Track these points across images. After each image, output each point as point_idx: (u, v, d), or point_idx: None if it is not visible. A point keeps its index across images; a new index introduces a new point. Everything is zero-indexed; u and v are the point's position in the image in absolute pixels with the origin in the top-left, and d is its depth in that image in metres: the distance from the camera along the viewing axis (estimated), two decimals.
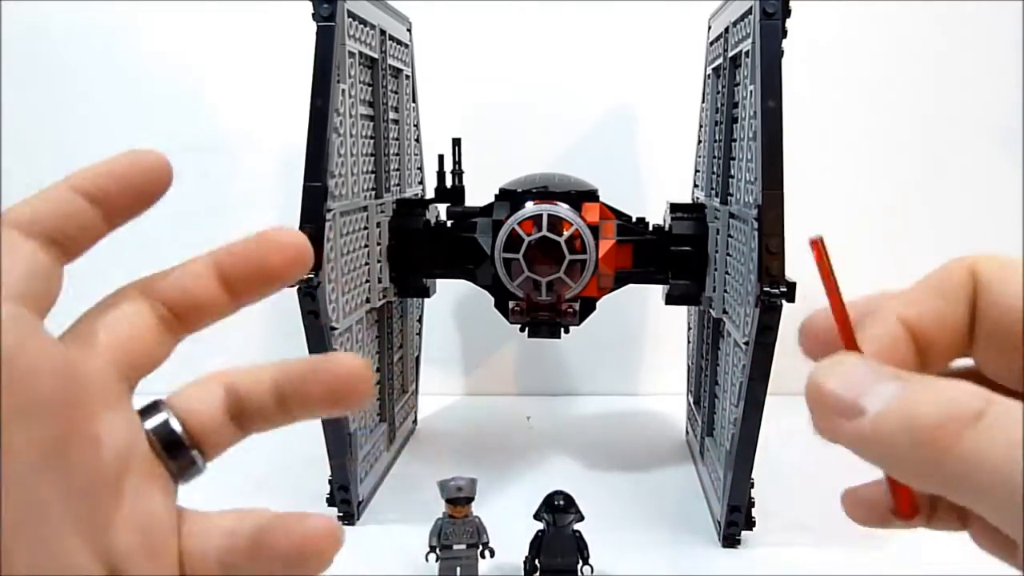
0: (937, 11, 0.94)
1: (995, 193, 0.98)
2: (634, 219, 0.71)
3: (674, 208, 0.72)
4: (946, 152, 0.98)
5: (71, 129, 0.98)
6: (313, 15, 0.58)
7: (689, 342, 0.86)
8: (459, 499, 0.54)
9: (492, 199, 0.69)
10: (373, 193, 0.71)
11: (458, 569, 0.55)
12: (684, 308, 0.86)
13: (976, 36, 0.95)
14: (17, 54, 0.96)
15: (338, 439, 0.63)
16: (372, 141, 0.72)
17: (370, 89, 0.71)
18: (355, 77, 0.65)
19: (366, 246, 0.68)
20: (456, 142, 0.72)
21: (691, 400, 0.84)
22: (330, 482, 0.65)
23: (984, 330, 0.20)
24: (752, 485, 0.61)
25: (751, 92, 0.57)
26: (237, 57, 0.95)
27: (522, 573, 0.54)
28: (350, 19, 0.62)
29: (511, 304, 0.69)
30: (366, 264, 0.68)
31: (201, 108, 0.96)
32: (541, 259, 0.65)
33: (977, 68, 0.95)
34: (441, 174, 0.72)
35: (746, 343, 0.57)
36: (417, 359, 0.90)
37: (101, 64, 0.96)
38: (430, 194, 0.76)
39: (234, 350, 1.00)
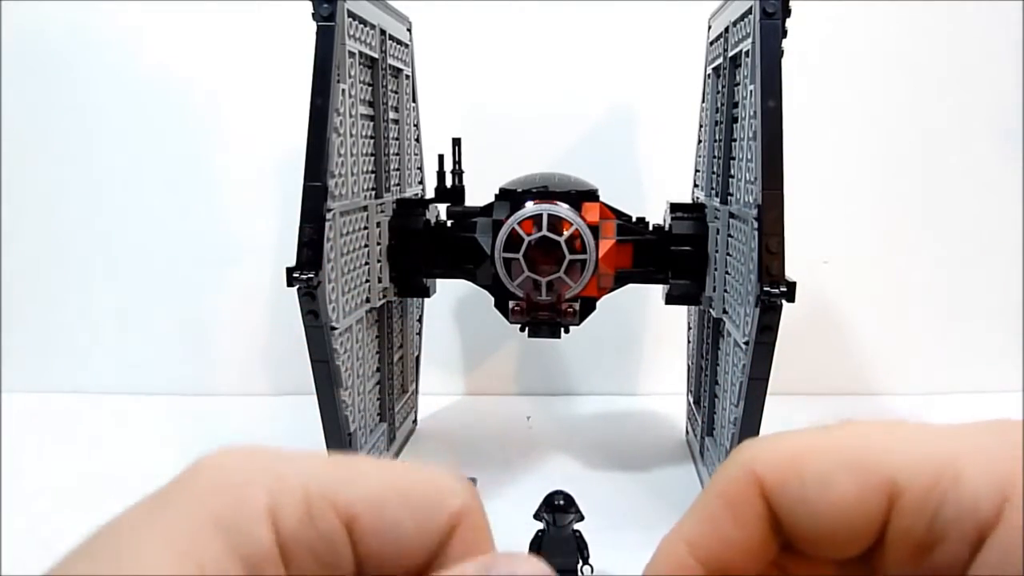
0: (937, 11, 0.94)
1: (995, 193, 0.98)
2: (634, 219, 0.71)
3: (674, 208, 0.72)
4: (946, 152, 0.98)
5: (70, 129, 0.98)
6: (313, 15, 0.58)
7: (689, 342, 0.86)
8: None
9: (492, 199, 0.69)
10: (373, 193, 0.71)
11: None
12: (684, 308, 0.86)
13: (976, 36, 0.95)
14: (17, 54, 0.96)
15: (338, 439, 0.63)
16: (372, 141, 0.72)
17: (370, 89, 0.71)
18: (355, 77, 0.65)
19: (366, 246, 0.68)
20: (456, 142, 0.72)
21: (691, 400, 0.84)
22: None
23: (800, 542, 0.16)
24: None
25: (751, 92, 0.57)
26: (237, 57, 0.95)
27: None
28: (350, 19, 0.62)
29: (511, 304, 0.69)
30: (366, 264, 0.68)
31: (200, 108, 0.96)
32: (541, 259, 0.65)
33: (977, 68, 0.95)
34: (441, 174, 0.72)
35: (746, 343, 0.57)
36: (417, 359, 0.90)
37: (100, 63, 0.96)
38: (430, 194, 0.76)
39: (234, 349, 1.01)
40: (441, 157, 0.72)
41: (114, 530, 0.16)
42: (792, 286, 0.54)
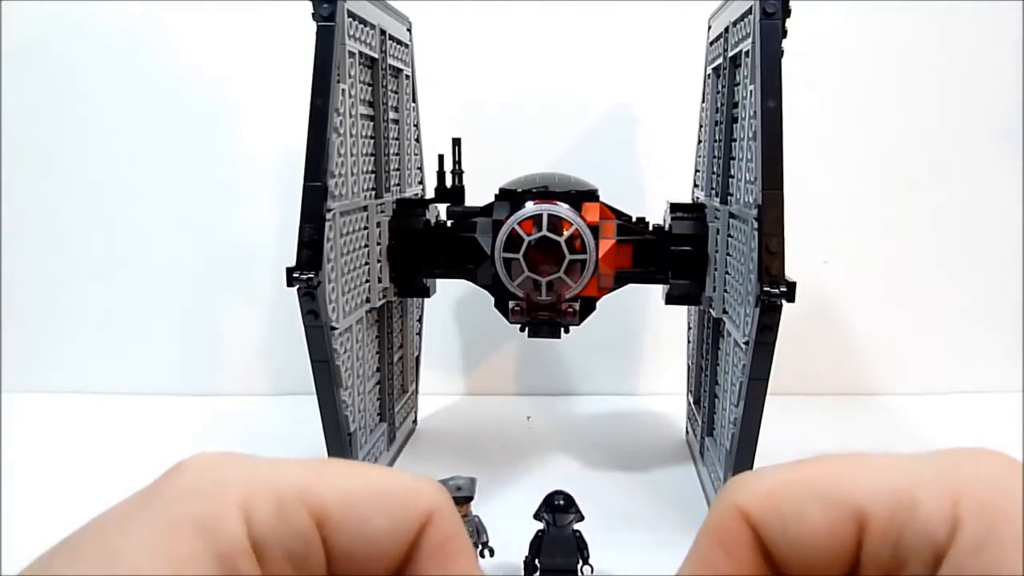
0: (937, 11, 0.94)
1: (995, 193, 0.98)
2: (634, 219, 0.71)
3: (674, 208, 0.72)
4: (946, 151, 0.98)
5: (70, 129, 0.98)
6: (313, 15, 0.58)
7: (689, 342, 0.86)
8: (458, 498, 0.54)
9: (492, 199, 0.69)
10: (373, 193, 0.71)
11: None
12: (684, 308, 0.86)
13: (976, 36, 0.95)
14: (17, 54, 0.96)
15: (338, 439, 0.63)
16: (372, 141, 0.71)
17: (370, 89, 0.71)
18: (355, 77, 0.65)
19: (366, 246, 0.68)
20: (456, 142, 0.72)
21: (691, 400, 0.84)
22: None
23: (787, 568, 0.18)
24: None
25: (751, 92, 0.57)
26: (237, 57, 0.95)
27: (522, 573, 0.54)
28: (350, 19, 0.62)
29: (511, 304, 0.69)
30: (366, 264, 0.68)
31: (200, 107, 0.96)
32: (541, 259, 0.65)
33: (977, 68, 0.95)
34: (441, 174, 0.72)
35: (746, 343, 0.57)
36: (417, 359, 0.90)
37: (99, 64, 0.96)
38: (430, 194, 0.76)
39: (234, 349, 1.01)
40: (441, 157, 0.72)
41: (97, 528, 0.17)
42: (792, 286, 0.54)
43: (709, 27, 0.77)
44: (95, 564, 0.16)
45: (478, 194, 0.72)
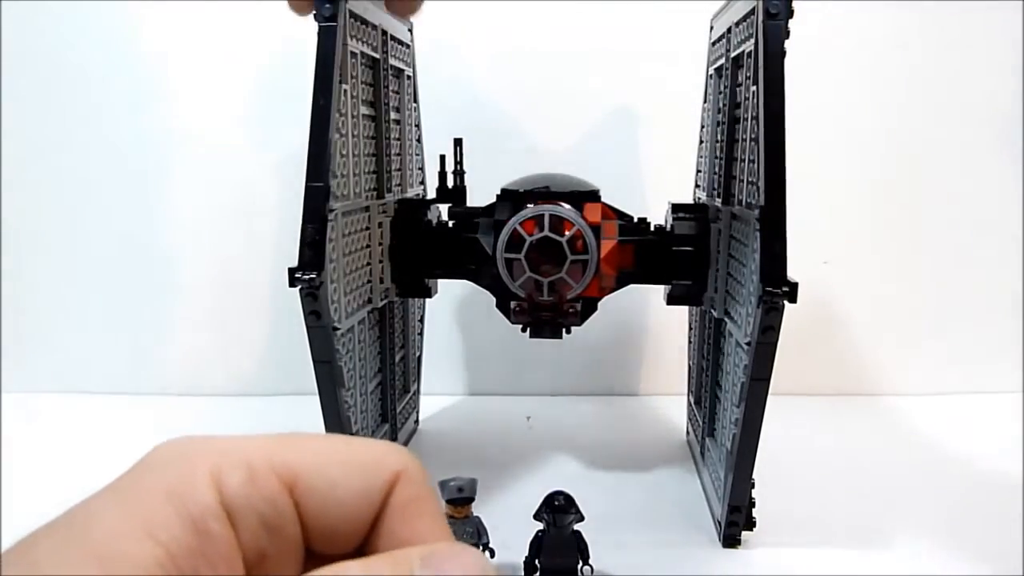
0: (939, 11, 0.94)
1: (995, 193, 0.98)
2: (635, 219, 0.71)
3: (676, 208, 0.72)
4: (947, 152, 0.98)
5: (70, 129, 0.98)
6: (315, 15, 0.58)
7: (690, 342, 0.86)
8: (459, 499, 0.54)
9: (494, 199, 0.69)
10: (375, 193, 0.71)
11: None
12: (685, 308, 0.86)
13: (976, 36, 0.95)
14: (16, 54, 0.96)
15: None
16: (374, 141, 0.72)
17: (372, 89, 0.71)
18: (357, 77, 0.65)
19: (368, 246, 0.68)
20: (457, 142, 0.72)
21: (692, 400, 0.84)
22: None
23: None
24: (753, 485, 0.61)
25: (753, 93, 0.57)
26: (238, 56, 0.95)
27: (522, 573, 0.55)
28: (352, 19, 0.62)
29: (513, 304, 0.69)
30: (368, 264, 0.68)
31: (201, 107, 0.96)
32: (543, 259, 0.65)
33: (977, 68, 0.96)
34: (443, 174, 0.72)
35: (748, 343, 0.57)
36: (419, 359, 0.90)
37: (99, 63, 0.96)
38: (432, 194, 0.76)
39: (234, 350, 1.01)
40: (442, 157, 0.72)
41: (76, 505, 0.18)
42: (794, 287, 0.54)
43: (711, 27, 0.77)
44: (71, 530, 0.17)
45: (480, 194, 0.72)
